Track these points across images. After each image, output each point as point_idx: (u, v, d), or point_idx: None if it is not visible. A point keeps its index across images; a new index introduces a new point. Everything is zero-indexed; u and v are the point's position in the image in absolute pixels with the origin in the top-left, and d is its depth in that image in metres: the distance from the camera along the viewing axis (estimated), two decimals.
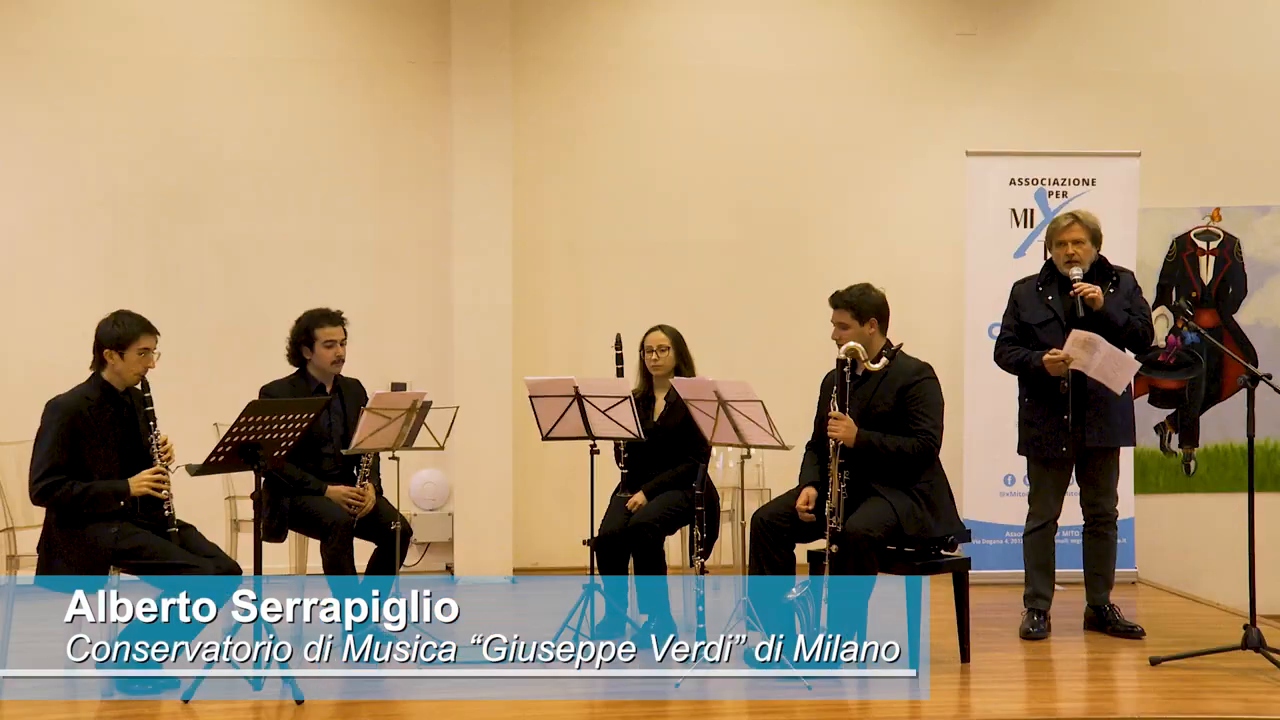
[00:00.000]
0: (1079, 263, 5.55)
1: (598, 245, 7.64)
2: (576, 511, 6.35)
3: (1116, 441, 5.61)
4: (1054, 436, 5.58)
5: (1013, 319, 5.74)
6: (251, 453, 4.68)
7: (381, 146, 7.48)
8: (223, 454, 4.67)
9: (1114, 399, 5.55)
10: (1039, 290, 5.70)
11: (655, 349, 5.79)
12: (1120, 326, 5.48)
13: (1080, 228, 5.57)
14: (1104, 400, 5.53)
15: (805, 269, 7.61)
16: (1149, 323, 5.59)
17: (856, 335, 5.09)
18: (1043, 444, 5.62)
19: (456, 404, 5.73)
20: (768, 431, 4.96)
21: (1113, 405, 5.56)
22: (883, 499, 4.98)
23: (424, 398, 5.38)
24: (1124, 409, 5.63)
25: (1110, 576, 5.73)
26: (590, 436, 5.49)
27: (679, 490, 5.63)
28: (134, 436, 4.90)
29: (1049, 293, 5.66)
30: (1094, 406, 5.52)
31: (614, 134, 7.67)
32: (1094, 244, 5.58)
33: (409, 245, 7.50)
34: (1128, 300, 5.56)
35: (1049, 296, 5.65)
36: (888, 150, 7.75)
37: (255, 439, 4.68)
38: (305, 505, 5.43)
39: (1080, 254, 5.55)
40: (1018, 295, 5.77)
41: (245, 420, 4.65)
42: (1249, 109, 7.86)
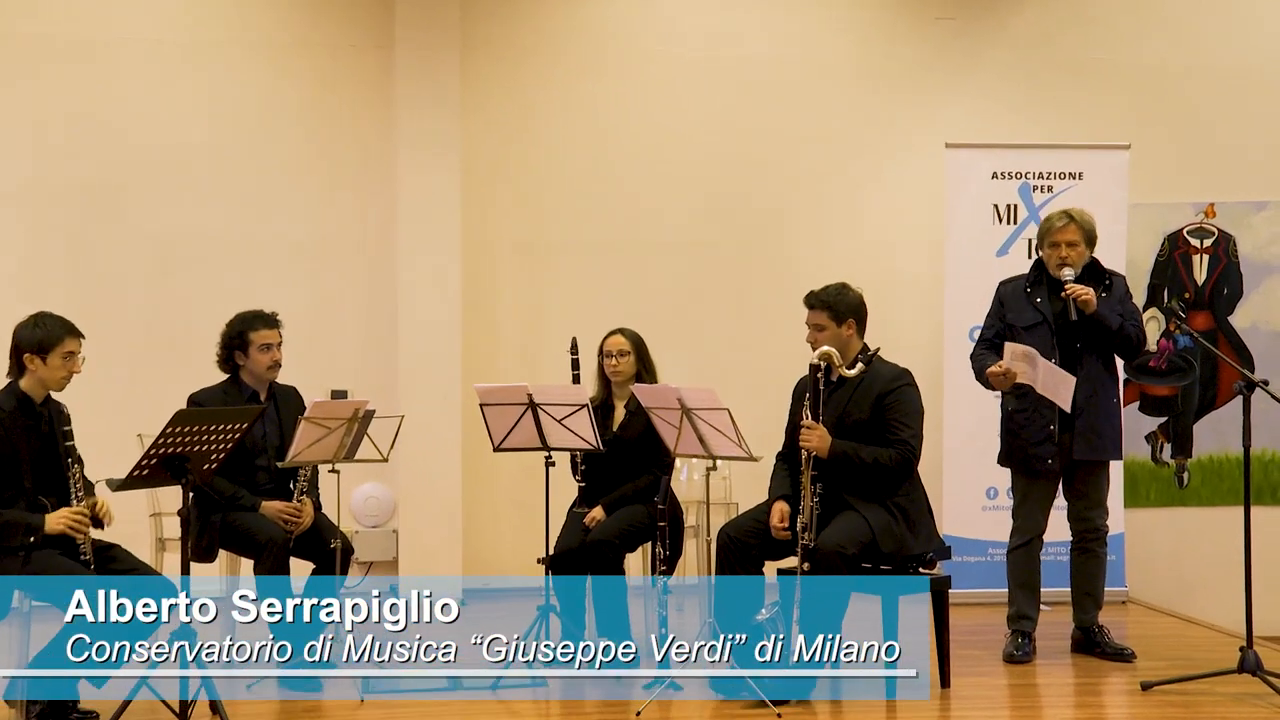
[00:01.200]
0: (1071, 265, 5.58)
1: (553, 243, 7.63)
2: (530, 528, 6.33)
3: (1106, 454, 5.66)
4: (1040, 448, 5.61)
5: (996, 321, 5.76)
6: (179, 466, 4.64)
7: (319, 136, 7.44)
8: (147, 467, 4.63)
9: (1106, 409, 5.58)
10: (1027, 292, 5.72)
11: (615, 353, 5.79)
12: (1114, 331, 5.53)
13: (1075, 229, 5.60)
14: (1094, 410, 5.56)
15: (775, 268, 7.63)
16: (1142, 328, 5.65)
17: (833, 337, 5.10)
18: (1028, 456, 5.65)
19: (401, 413, 5.72)
20: (735, 442, 4.96)
21: (1103, 416, 5.59)
22: (858, 514, 4.99)
23: (366, 406, 5.36)
24: (1114, 420, 5.67)
25: (1100, 596, 5.77)
26: (545, 448, 5.49)
27: (640, 505, 5.63)
28: (52, 455, 4.84)
29: (1037, 295, 5.68)
30: (1083, 417, 5.56)
31: (572, 124, 7.66)
32: (1088, 246, 5.62)
33: (350, 242, 7.47)
34: (1119, 305, 5.61)
35: (1037, 299, 5.67)
36: (863, 143, 7.78)
37: (183, 451, 4.64)
38: (237, 522, 5.39)
39: (1073, 257, 5.59)
40: (1004, 296, 5.79)
41: (172, 431, 4.61)
42: (1245, 98, 7.94)
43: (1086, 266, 5.62)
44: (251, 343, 5.54)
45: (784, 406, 5.36)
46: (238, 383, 5.60)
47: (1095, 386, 5.57)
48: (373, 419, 5.37)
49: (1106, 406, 5.60)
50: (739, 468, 6.27)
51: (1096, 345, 5.56)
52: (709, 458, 5.12)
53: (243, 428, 4.81)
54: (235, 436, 4.78)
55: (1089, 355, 5.57)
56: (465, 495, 7.30)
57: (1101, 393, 5.58)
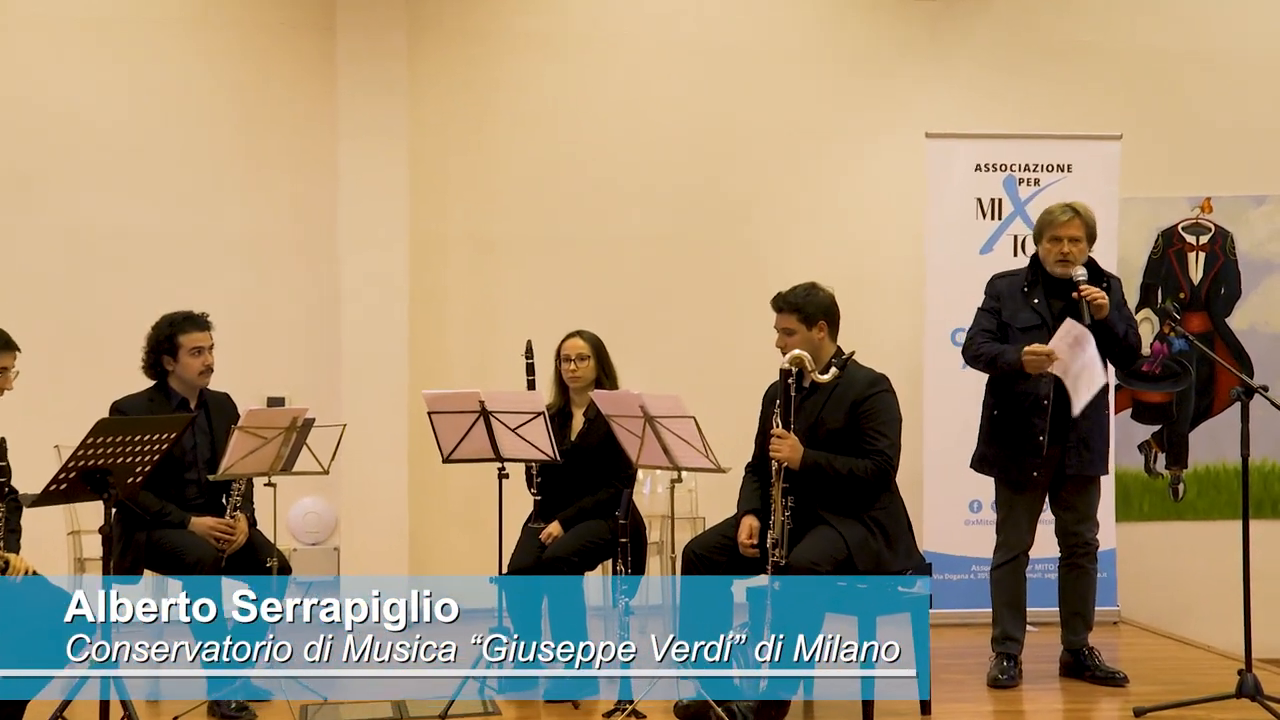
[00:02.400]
0: (1073, 263, 5.58)
1: (507, 239, 7.62)
2: (482, 544, 6.31)
3: (1097, 469, 5.68)
4: (1025, 459, 5.63)
5: (993, 317, 5.73)
6: (100, 480, 4.61)
7: (254, 124, 7.40)
8: (65, 481, 4.59)
9: (1099, 421, 5.58)
10: (1024, 291, 5.71)
11: (574, 357, 5.78)
12: (1120, 338, 5.53)
13: (1080, 224, 5.59)
14: (1089, 423, 5.55)
15: (744, 266, 7.64)
16: (1138, 335, 5.67)
17: (804, 341, 5.11)
18: (1009, 466, 5.66)
19: (343, 421, 5.69)
20: (701, 452, 4.96)
21: (1096, 429, 5.60)
22: (832, 528, 5.00)
23: (305, 414, 5.34)
24: (1106, 433, 5.70)
25: (1090, 616, 5.79)
26: (498, 458, 5.48)
27: (600, 519, 5.62)
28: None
29: (1035, 294, 5.67)
30: (1077, 429, 5.55)
31: (528, 111, 7.65)
32: (1091, 243, 5.63)
33: (287, 238, 7.43)
34: (1118, 310, 5.61)
35: (1035, 299, 5.66)
36: (837, 132, 7.81)
37: (105, 463, 4.61)
38: (165, 540, 5.36)
39: (1075, 254, 5.59)
40: (1000, 291, 5.76)
41: (93, 441, 4.57)
42: (1244, 85, 8.00)
43: (1085, 266, 5.62)
44: (181, 346, 5.52)
45: (753, 414, 5.37)
46: (165, 389, 5.57)
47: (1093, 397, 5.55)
48: (312, 428, 5.35)
49: (1100, 419, 5.63)
50: (705, 480, 6.27)
51: (1101, 352, 5.51)
52: (673, 469, 5.12)
53: (170, 438, 4.79)
54: (162, 447, 4.76)
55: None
56: (412, 510, 7.28)
57: (1097, 404, 5.57)
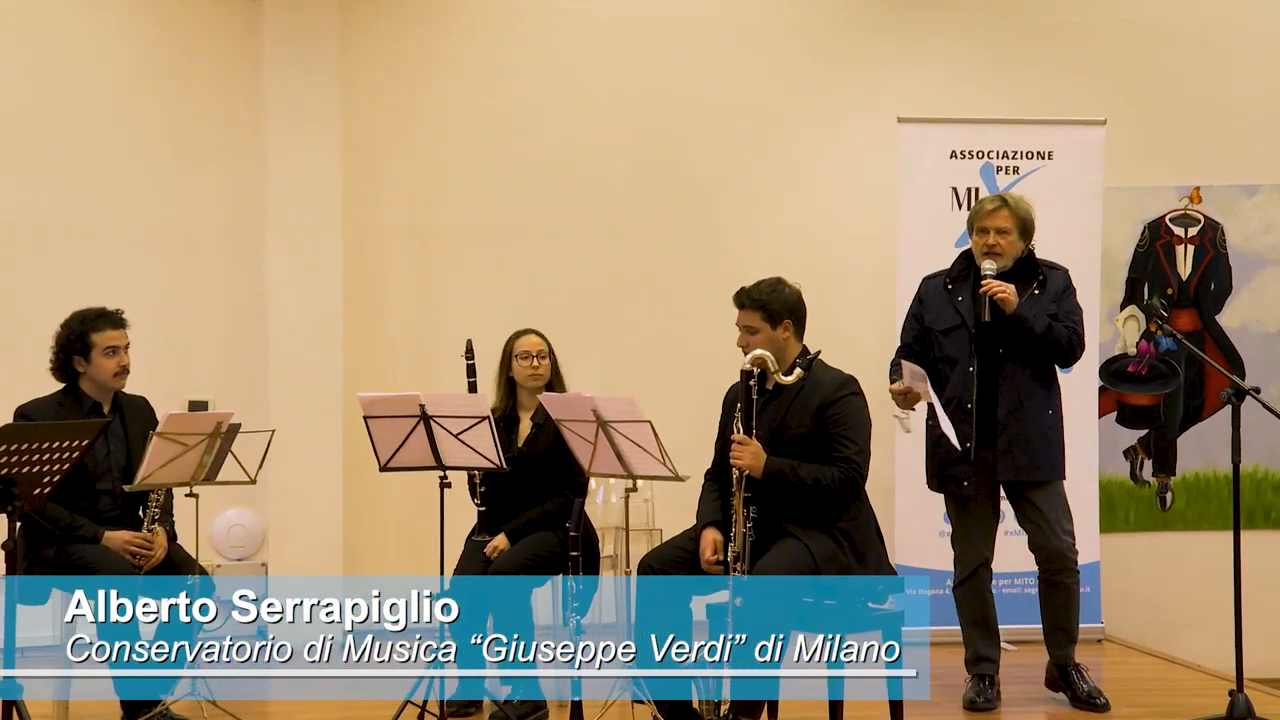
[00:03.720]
0: (999, 256, 5.64)
1: (449, 230, 7.61)
2: (423, 559, 6.29)
3: (1038, 474, 5.67)
4: (956, 467, 5.70)
5: (915, 324, 5.84)
6: (4, 491, 4.59)
7: (172, 105, 7.37)
8: None
9: (1037, 422, 5.61)
10: (948, 289, 5.79)
11: (534, 354, 5.80)
12: (1038, 334, 5.55)
13: (1008, 214, 5.66)
14: (1020, 425, 5.60)
15: (703, 260, 7.66)
16: (1077, 330, 5.63)
17: (767, 341, 5.13)
18: (945, 477, 5.75)
19: (272, 427, 5.67)
20: (658, 459, 4.97)
21: (1032, 430, 5.63)
22: (797, 541, 5.02)
23: (230, 419, 5.32)
24: (1048, 434, 5.68)
25: (1074, 629, 5.81)
26: (440, 466, 5.47)
27: (549, 531, 5.63)
28: None
29: (960, 292, 5.74)
30: (1006, 432, 5.61)
31: (471, 92, 7.64)
32: (1022, 237, 5.68)
33: (210, 229, 7.40)
34: (1054, 304, 5.65)
35: (959, 296, 5.74)
36: (804, 117, 7.84)
37: (9, 473, 4.59)
38: (75, 556, 5.33)
39: (1003, 246, 5.65)
40: (924, 294, 5.86)
41: None
42: (1235, 69, 8.08)
43: (1021, 261, 5.68)
44: (94, 346, 5.50)
45: (714, 418, 5.38)
46: (76, 393, 5.54)
47: (1021, 398, 5.62)
48: (238, 434, 5.33)
49: (1038, 420, 5.64)
50: (663, 489, 6.27)
51: (1022, 351, 5.60)
52: (628, 477, 5.13)
53: (82, 445, 4.77)
54: (73, 456, 4.74)
55: (1013, 363, 5.63)
56: (347, 522, 7.26)
57: (1030, 405, 5.62)
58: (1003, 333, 5.59)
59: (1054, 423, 5.69)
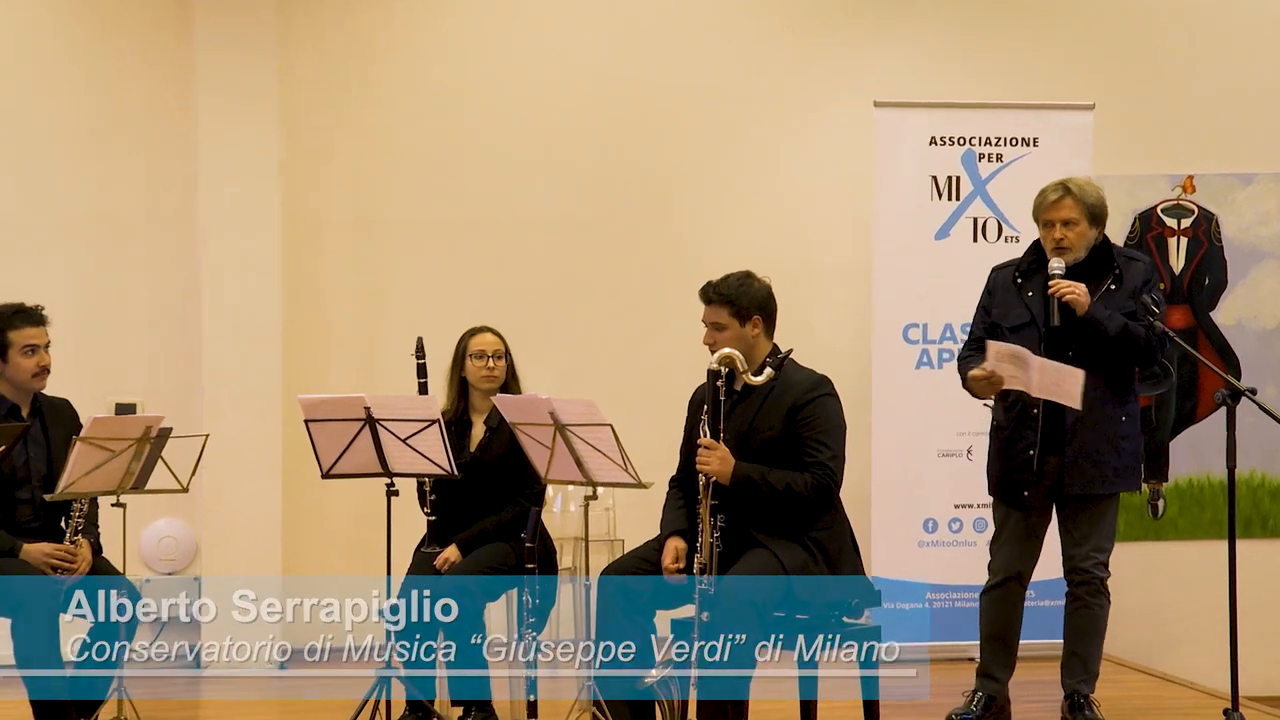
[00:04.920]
0: (1070, 250, 5.55)
1: (397, 220, 7.60)
2: (367, 572, 6.29)
3: (1109, 487, 5.61)
4: (1018, 475, 5.62)
5: (984, 317, 5.75)
6: None
7: (96, 83, 7.34)
8: None
9: (1107, 431, 5.54)
10: (1016, 282, 5.69)
11: (490, 354, 5.80)
12: (1111, 336, 5.46)
13: (1072, 203, 5.54)
14: (1090, 433, 5.53)
15: (667, 253, 7.67)
16: (1155, 329, 5.51)
17: (736, 338, 5.14)
18: (1007, 484, 5.66)
19: (205, 431, 5.66)
20: (619, 465, 4.98)
21: (1104, 440, 5.55)
22: (767, 551, 5.04)
23: (160, 423, 5.30)
24: (1122, 445, 5.58)
25: (1091, 660, 5.69)
26: (387, 473, 5.46)
27: (504, 542, 5.63)
28: None
29: (1030, 286, 5.65)
30: (1075, 441, 5.54)
31: (421, 71, 7.63)
32: (1093, 224, 5.56)
33: (137, 219, 7.36)
34: (1131, 300, 5.56)
35: (1029, 291, 5.65)
36: (774, 101, 7.85)
37: None
38: None
39: (1071, 239, 5.54)
40: (993, 286, 5.76)
41: None
42: (1229, 51, 8.12)
43: (1096, 250, 5.60)
44: (11, 344, 5.48)
45: (678, 422, 5.40)
46: None
47: (1092, 404, 5.50)
48: (169, 439, 5.31)
49: (1108, 429, 5.56)
50: (624, 497, 6.29)
51: (1095, 354, 5.51)
52: (588, 484, 5.13)
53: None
54: None
55: (1083, 366, 5.45)
56: (287, 534, 7.24)
57: (1101, 412, 5.55)
58: (1071, 334, 5.48)
59: (1128, 432, 5.60)
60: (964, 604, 7.12)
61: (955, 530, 7.16)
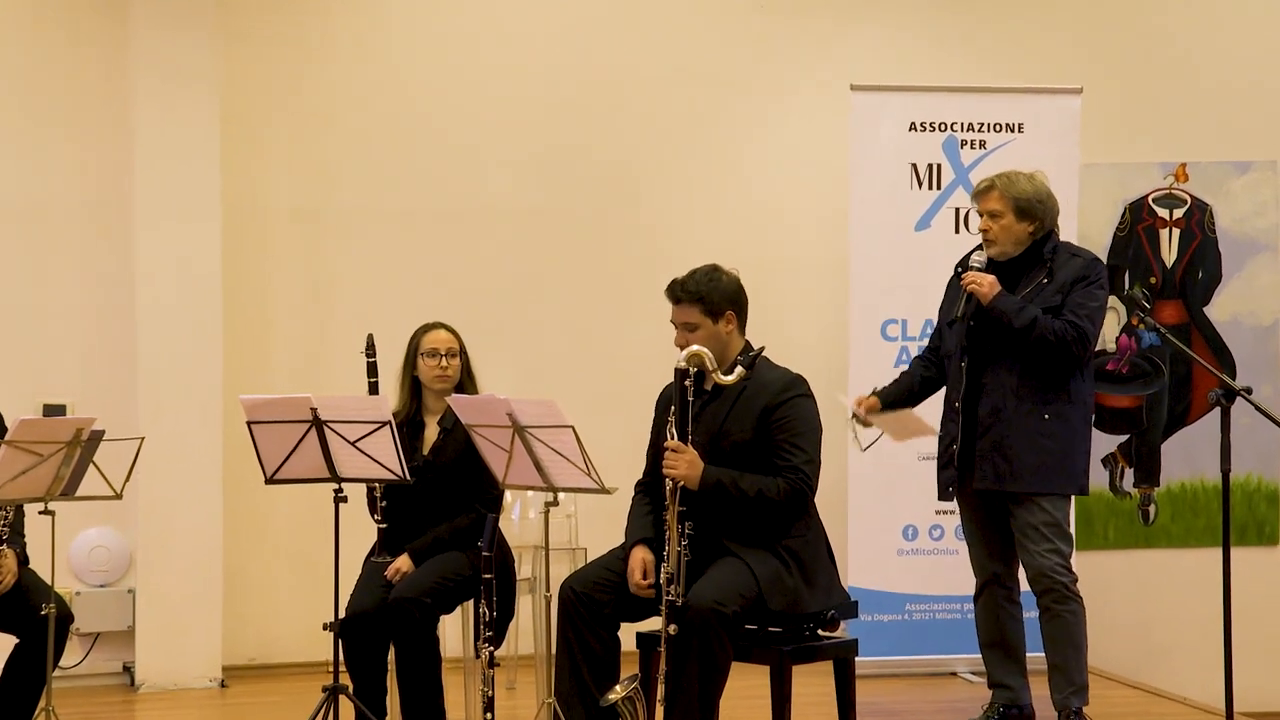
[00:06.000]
0: (994, 243, 5.70)
1: (345, 210, 7.59)
2: (314, 583, 6.28)
3: (1019, 485, 5.66)
4: (944, 471, 5.83)
5: (940, 317, 5.96)
6: None
7: (25, 64, 7.30)
8: None
9: (1023, 428, 5.60)
10: (958, 275, 5.86)
11: (444, 353, 5.80)
12: (1016, 329, 5.54)
13: (997, 196, 5.69)
14: (1002, 429, 5.62)
15: (632, 245, 7.69)
16: (1078, 324, 5.58)
17: (709, 337, 5.13)
18: (937, 482, 5.87)
19: (141, 434, 5.63)
20: (582, 469, 4.98)
21: (1018, 436, 5.62)
22: (739, 560, 5.05)
23: (92, 425, 5.27)
24: (1040, 442, 5.64)
25: (1073, 670, 5.72)
26: (335, 478, 5.46)
27: (459, 551, 5.63)
28: None
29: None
30: (987, 436, 5.66)
31: (370, 54, 7.63)
32: (1021, 219, 5.68)
33: (67, 206, 7.33)
34: (1060, 295, 5.64)
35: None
36: (745, 84, 7.87)
37: None
38: None
39: (996, 232, 5.69)
40: (949, 284, 5.95)
41: None
42: (1224, 33, 8.18)
43: (1033, 245, 5.70)
44: None
45: (644, 424, 5.41)
46: None
47: (1006, 400, 5.64)
48: (101, 442, 5.29)
49: (1026, 425, 5.63)
50: (587, 503, 6.29)
51: (1011, 348, 5.62)
52: (548, 490, 5.13)
53: None
54: None
55: (1001, 361, 5.65)
56: (228, 543, 7.23)
57: (1018, 407, 5.64)
58: (980, 327, 5.66)
59: (1051, 430, 5.65)
60: (946, 615, 7.16)
61: (936, 537, 7.18)
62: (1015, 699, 5.84)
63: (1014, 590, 5.87)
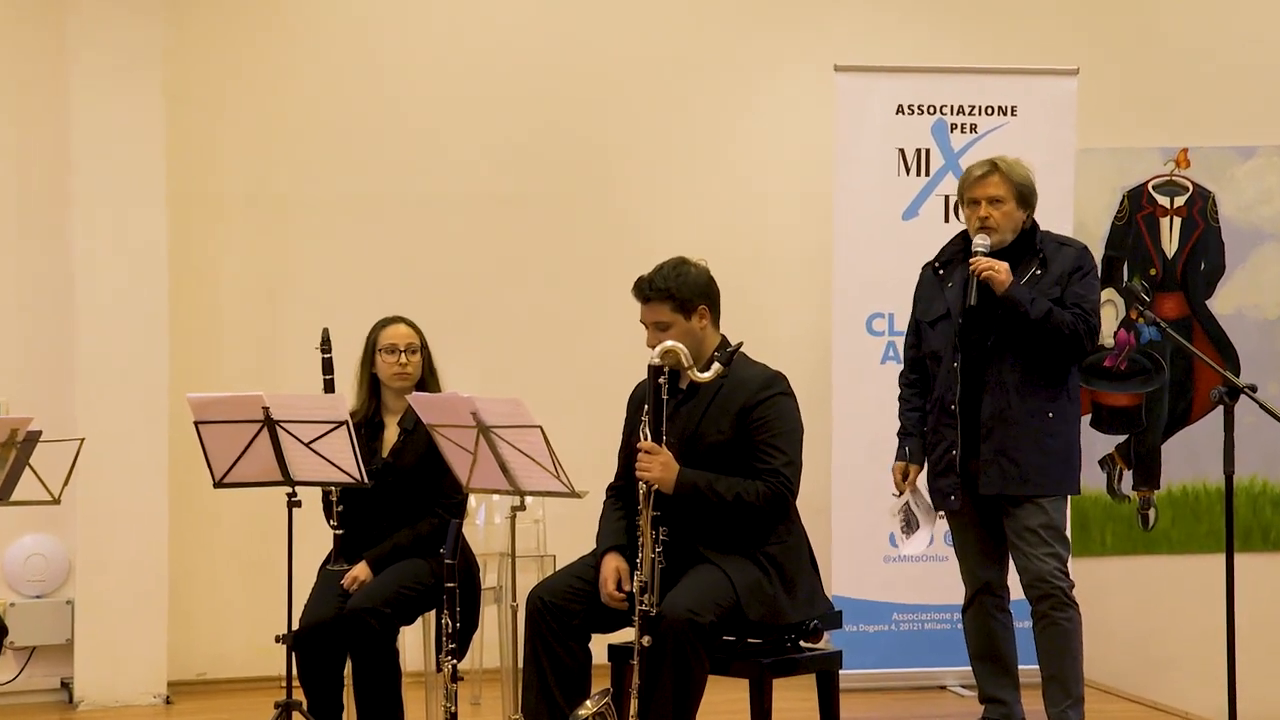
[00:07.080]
0: (995, 230, 5.69)
1: (298, 199, 7.59)
2: (266, 593, 6.28)
3: (1027, 489, 5.68)
4: (943, 479, 5.80)
5: (914, 330, 5.94)
6: None
7: None
8: None
9: (1028, 428, 5.63)
10: (938, 274, 5.86)
11: (404, 349, 5.80)
12: (1034, 320, 5.57)
13: (1000, 181, 5.70)
14: (1007, 430, 5.64)
15: (608, 235, 7.69)
16: (1086, 318, 5.64)
17: (683, 334, 5.13)
18: (933, 490, 5.85)
19: (80, 435, 5.62)
20: (550, 471, 4.99)
21: (1024, 437, 5.64)
22: (716, 568, 5.06)
23: (28, 426, 5.27)
24: (1045, 443, 5.68)
25: (1070, 680, 5.74)
26: (288, 482, 5.46)
27: (420, 559, 5.63)
28: None
29: (951, 276, 5.80)
30: (991, 438, 5.66)
31: (328, 32, 7.63)
32: (1021, 206, 5.71)
33: (2, 195, 7.31)
34: (1058, 286, 5.68)
35: (949, 282, 5.80)
36: (724, 65, 7.88)
37: None
38: None
39: (997, 218, 5.69)
40: (919, 283, 5.95)
41: None
42: (1227, 12, 8.22)
43: (1024, 234, 5.74)
44: None
45: (616, 424, 5.42)
46: None
47: (1009, 399, 5.65)
48: (38, 444, 5.28)
49: (1030, 425, 5.66)
50: (556, 507, 6.30)
51: (1016, 342, 5.63)
52: (515, 494, 5.14)
53: None
54: None
55: (1004, 357, 5.64)
56: (174, 551, 7.22)
57: (1022, 407, 5.66)
58: (994, 321, 5.62)
59: (1056, 429, 5.68)
60: (935, 626, 7.18)
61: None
62: (1008, 714, 5.86)
63: (1005, 599, 5.90)
